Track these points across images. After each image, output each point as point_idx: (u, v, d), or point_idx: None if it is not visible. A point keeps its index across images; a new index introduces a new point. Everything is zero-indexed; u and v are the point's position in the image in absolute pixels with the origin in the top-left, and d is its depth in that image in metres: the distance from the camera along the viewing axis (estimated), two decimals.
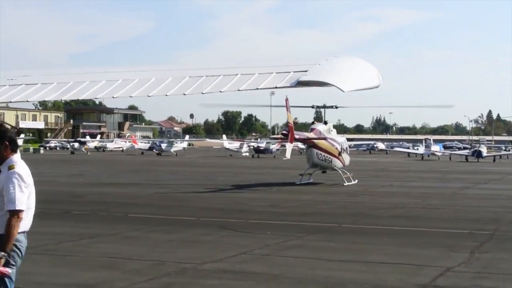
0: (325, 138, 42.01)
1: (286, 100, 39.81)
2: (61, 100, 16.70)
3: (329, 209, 28.56)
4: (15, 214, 8.30)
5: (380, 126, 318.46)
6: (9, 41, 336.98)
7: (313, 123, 44.32)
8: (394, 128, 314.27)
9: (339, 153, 43.37)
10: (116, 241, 19.03)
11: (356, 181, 43.61)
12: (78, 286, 13.26)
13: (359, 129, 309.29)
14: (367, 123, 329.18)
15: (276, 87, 12.16)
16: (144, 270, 14.62)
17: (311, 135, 42.25)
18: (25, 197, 8.45)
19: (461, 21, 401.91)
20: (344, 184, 41.84)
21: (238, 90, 12.45)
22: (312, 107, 46.18)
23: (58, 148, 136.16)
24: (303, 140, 44.15)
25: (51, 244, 18.08)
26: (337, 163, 43.23)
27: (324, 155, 42.13)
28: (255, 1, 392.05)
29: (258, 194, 35.60)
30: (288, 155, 42.17)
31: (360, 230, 21.99)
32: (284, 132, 41.78)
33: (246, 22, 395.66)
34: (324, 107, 45.40)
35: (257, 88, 12.52)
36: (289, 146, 41.34)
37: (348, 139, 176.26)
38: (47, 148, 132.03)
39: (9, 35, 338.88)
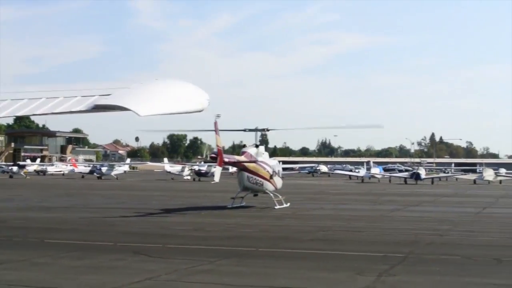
0: (255, 161, 41.92)
1: (215, 123, 39.77)
2: None
3: (251, 232, 28.43)
4: None
5: (325, 149, 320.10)
6: None
7: (243, 146, 44.27)
8: (339, 151, 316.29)
9: (271, 176, 43.29)
10: (22, 268, 18.61)
11: (288, 204, 43.63)
12: None
13: (304, 151, 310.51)
14: (312, 146, 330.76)
15: (71, 112, 11.77)
16: None
17: (242, 158, 42.17)
18: None
19: (407, 46, 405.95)
20: (276, 207, 41.83)
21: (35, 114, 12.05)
22: (244, 130, 46.02)
23: None
24: (233, 164, 44.04)
25: None
26: (268, 186, 43.15)
27: (255, 178, 42.04)
28: (205, 24, 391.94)
29: (185, 218, 35.36)
30: (216, 178, 41.97)
31: (276, 254, 21.87)
32: (213, 155, 41.65)
33: (196, 45, 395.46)
34: (256, 130, 45.34)
35: (53, 113, 12.16)
36: (218, 169, 41.17)
37: (293, 162, 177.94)
38: None
39: None
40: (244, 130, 46.20)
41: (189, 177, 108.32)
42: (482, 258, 21.08)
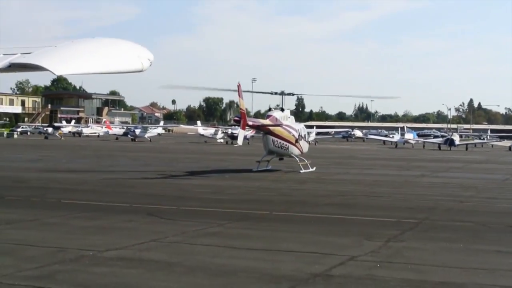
0: (280, 125, 41.70)
1: (238, 86, 39.55)
2: None
3: (270, 196, 28.39)
4: None
5: (362, 114, 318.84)
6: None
7: (269, 109, 43.98)
8: (376, 116, 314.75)
9: (296, 140, 43.07)
10: (32, 227, 18.75)
11: (314, 168, 43.48)
12: None
13: (341, 116, 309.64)
14: (349, 111, 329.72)
15: None
16: (38, 257, 14.38)
17: (266, 121, 41.95)
18: None
19: (445, 11, 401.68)
20: (301, 171, 41.71)
21: None
22: (271, 93, 45.74)
23: (28, 133, 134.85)
24: (257, 127, 43.88)
25: None
26: (294, 150, 42.96)
27: (280, 142, 41.85)
28: None
29: (206, 181, 35.42)
30: (240, 141, 41.91)
31: (288, 217, 21.83)
32: (236, 118, 41.44)
33: (232, 9, 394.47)
34: (282, 94, 45.00)
35: None
36: (241, 133, 40.97)
37: (329, 127, 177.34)
38: (17, 133, 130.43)
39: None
40: (271, 93, 45.94)
41: (222, 140, 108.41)
42: (496, 225, 20.80)
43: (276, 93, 45.23)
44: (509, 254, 15.97)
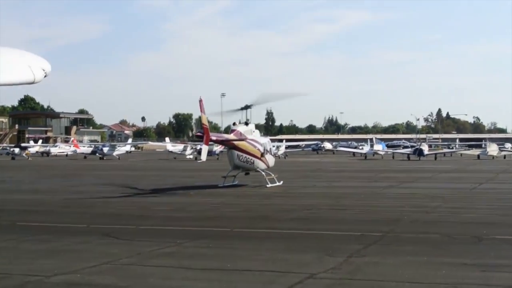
0: (244, 139, 41.08)
1: (200, 101, 38.86)
2: None
3: (232, 212, 27.79)
4: None
5: (332, 126, 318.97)
6: None
7: (234, 124, 43.33)
8: (346, 128, 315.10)
9: (262, 154, 42.46)
10: None
11: (281, 182, 42.92)
12: None
13: (311, 129, 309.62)
14: (319, 124, 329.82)
15: None
16: None
17: (231, 136, 41.33)
18: None
19: (411, 22, 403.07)
20: (267, 185, 41.13)
21: None
22: (236, 110, 45.06)
23: None
24: (221, 142, 43.31)
25: None
26: (259, 164, 42.34)
27: (245, 157, 41.24)
28: (208, 3, 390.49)
29: (170, 198, 34.67)
30: (203, 157, 41.09)
31: (248, 234, 21.19)
32: (199, 133, 40.68)
33: (198, 25, 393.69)
34: (246, 107, 44.34)
35: None
36: (204, 148, 40.17)
37: (299, 140, 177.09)
38: None
39: None
40: (236, 110, 45.27)
41: (191, 156, 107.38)
42: (462, 236, 20.32)
43: (240, 109, 44.58)
44: (474, 267, 15.42)
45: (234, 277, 14.38)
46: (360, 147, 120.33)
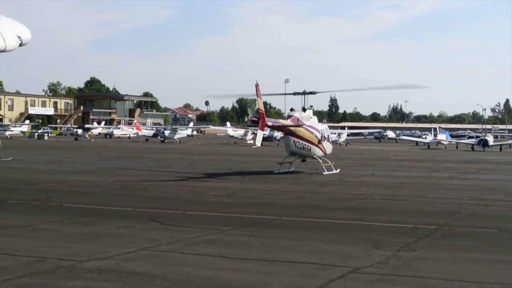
0: (301, 125, 40.35)
1: (256, 85, 38.23)
2: None
3: (284, 199, 27.09)
4: None
5: (397, 115, 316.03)
6: (32, 30, 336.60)
7: (291, 109, 42.61)
8: (410, 117, 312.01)
9: (319, 141, 41.67)
10: (19, 234, 17.62)
11: (339, 170, 42.18)
12: None
13: (375, 117, 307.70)
14: (383, 112, 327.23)
15: None
16: (11, 269, 13.23)
17: (288, 122, 40.64)
18: None
19: (480, 10, 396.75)
20: (324, 173, 40.42)
21: None
22: (294, 94, 44.41)
23: (48, 135, 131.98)
24: (277, 128, 42.69)
25: None
26: (316, 151, 41.59)
27: (302, 143, 40.52)
28: None
29: (223, 183, 34.19)
30: (258, 143, 40.41)
31: (297, 223, 20.56)
32: (254, 119, 40.06)
33: (265, 10, 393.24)
34: (304, 93, 43.58)
35: None
36: (259, 133, 39.44)
37: (363, 127, 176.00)
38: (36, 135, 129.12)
39: (31, 24, 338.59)
40: (294, 94, 44.61)
41: (252, 141, 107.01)
42: None
43: (298, 93, 43.85)
44: None
45: (273, 269, 13.73)
46: (424, 137, 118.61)
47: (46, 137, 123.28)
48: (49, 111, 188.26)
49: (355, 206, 25.08)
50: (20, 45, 7.49)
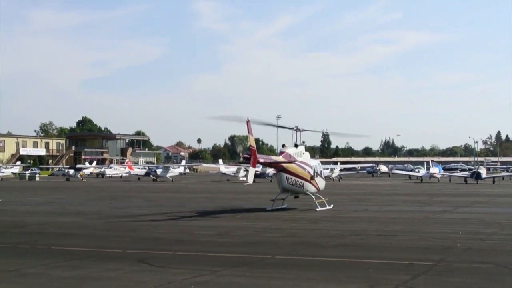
0: (293, 162, 40.00)
1: (248, 122, 37.86)
2: None
3: (276, 237, 26.58)
4: None
5: (389, 149, 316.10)
6: (24, 70, 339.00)
7: (283, 146, 42.31)
8: (403, 151, 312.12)
9: (312, 177, 41.27)
10: (6, 279, 17.20)
11: (332, 206, 41.73)
12: None
13: (367, 152, 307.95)
14: (375, 146, 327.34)
15: None
16: None
17: (280, 158, 40.28)
18: None
19: (470, 43, 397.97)
20: (317, 209, 39.93)
21: None
22: (286, 127, 44.06)
23: (38, 176, 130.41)
24: (269, 164, 42.31)
25: None
26: (309, 187, 41.19)
27: (294, 180, 40.15)
28: (267, 25, 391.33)
29: (214, 222, 33.70)
30: (250, 179, 40.02)
31: (290, 262, 20.12)
32: (246, 155, 39.69)
33: (257, 46, 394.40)
34: (296, 129, 43.23)
35: None
36: (251, 170, 38.99)
37: (355, 162, 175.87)
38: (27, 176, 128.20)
39: (24, 64, 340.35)
40: (285, 127, 44.28)
41: (244, 178, 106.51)
42: None
43: (291, 128, 43.53)
44: None
45: None
46: (416, 170, 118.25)
47: (37, 178, 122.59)
48: (41, 151, 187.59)
49: (349, 243, 24.65)
50: None
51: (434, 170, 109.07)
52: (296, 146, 42.13)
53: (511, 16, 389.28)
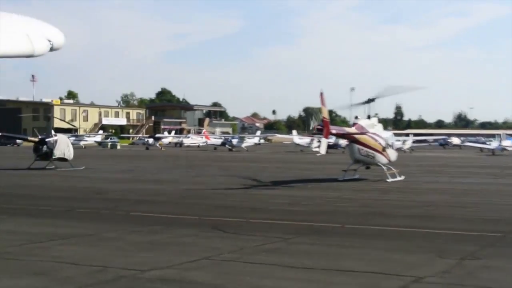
0: (365, 133, 39.75)
1: (321, 94, 37.75)
2: None
3: (347, 207, 26.50)
4: None
5: (461, 121, 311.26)
6: (107, 42, 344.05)
7: (355, 117, 42.08)
8: (475, 123, 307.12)
9: (383, 148, 40.96)
10: (85, 243, 17.46)
11: (403, 177, 41.38)
12: None
13: (439, 124, 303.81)
14: (448, 119, 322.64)
15: None
16: (74, 278, 13.02)
17: (352, 130, 40.11)
18: None
19: None
20: (388, 180, 39.66)
21: None
22: (367, 101, 43.66)
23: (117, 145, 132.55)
24: (341, 135, 42.14)
25: (14, 246, 16.70)
26: (381, 158, 40.87)
27: (366, 151, 39.94)
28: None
29: (286, 191, 33.71)
30: (322, 151, 39.94)
31: (360, 231, 19.97)
32: (319, 127, 39.64)
33: (330, 19, 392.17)
34: (369, 101, 42.91)
35: None
36: (324, 141, 38.99)
37: (427, 134, 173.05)
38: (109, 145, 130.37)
39: (107, 36, 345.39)
40: (367, 102, 43.86)
41: (317, 149, 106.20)
42: None
43: (364, 102, 43.17)
44: None
45: (335, 278, 13.25)
46: (488, 143, 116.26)
47: (118, 147, 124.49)
48: (122, 121, 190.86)
49: (418, 214, 24.35)
50: (51, 49, 6.67)
51: (507, 142, 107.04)
52: (368, 117, 41.87)
53: None
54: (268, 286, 12.57)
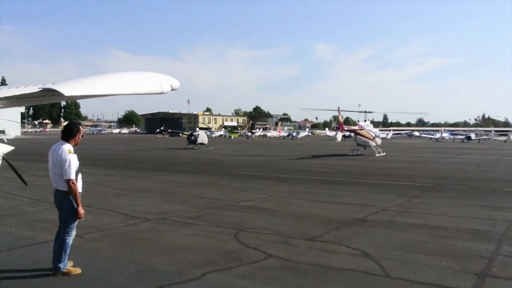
0: (363, 129, 39.19)
1: (338, 109, 37.40)
2: None
3: (352, 169, 26.10)
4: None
5: (421, 122, 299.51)
6: (228, 81, 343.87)
7: (358, 121, 41.40)
8: (428, 124, 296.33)
9: (373, 138, 40.20)
10: (210, 187, 17.81)
11: (384, 153, 40.46)
12: (156, 213, 12.23)
13: (408, 124, 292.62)
14: (413, 121, 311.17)
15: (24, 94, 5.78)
16: (200, 205, 13.45)
17: (356, 127, 39.57)
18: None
19: None
20: (375, 155, 38.83)
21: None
22: (359, 111, 43.25)
23: (230, 137, 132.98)
24: (350, 130, 41.56)
25: (170, 188, 17.23)
26: (371, 143, 40.04)
27: (363, 139, 39.32)
28: (352, 55, 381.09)
29: (319, 160, 33.40)
30: (339, 139, 39.70)
31: (357, 183, 19.80)
32: (337, 126, 39.22)
33: (347, 67, 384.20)
34: (365, 112, 42.32)
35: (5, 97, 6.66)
36: (339, 134, 38.91)
37: (401, 130, 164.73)
38: (227, 136, 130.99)
39: (229, 78, 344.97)
40: (359, 112, 43.23)
41: (339, 139, 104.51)
42: (483, 188, 17.99)
43: (361, 112, 42.54)
44: (484, 207, 13.48)
45: (339, 207, 13.33)
46: (434, 134, 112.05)
47: (232, 137, 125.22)
48: (234, 123, 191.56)
49: (390, 173, 23.88)
50: (172, 89, 7.01)
51: (445, 134, 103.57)
52: (365, 121, 41.19)
53: None
54: (302, 211, 12.72)
